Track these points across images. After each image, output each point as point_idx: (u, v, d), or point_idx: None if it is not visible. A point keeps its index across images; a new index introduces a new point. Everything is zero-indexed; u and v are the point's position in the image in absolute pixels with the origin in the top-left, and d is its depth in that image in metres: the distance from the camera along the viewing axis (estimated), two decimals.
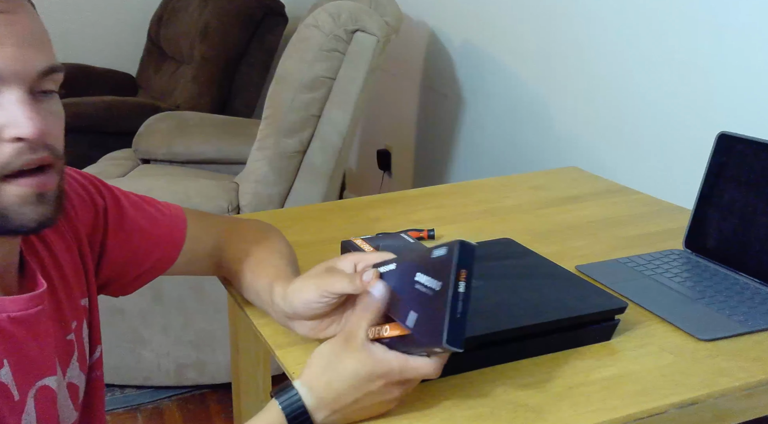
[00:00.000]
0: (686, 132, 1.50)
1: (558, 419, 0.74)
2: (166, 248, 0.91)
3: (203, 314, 1.89)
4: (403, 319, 0.70)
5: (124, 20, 3.33)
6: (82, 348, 0.82)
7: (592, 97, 1.75)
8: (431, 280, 0.68)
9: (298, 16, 2.83)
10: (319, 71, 1.76)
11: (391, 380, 0.70)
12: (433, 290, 0.67)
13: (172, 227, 0.92)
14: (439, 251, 0.68)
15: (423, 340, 0.67)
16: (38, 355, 0.71)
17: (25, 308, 0.69)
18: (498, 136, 2.14)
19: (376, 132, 2.89)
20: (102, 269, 0.89)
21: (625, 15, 1.62)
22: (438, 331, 0.64)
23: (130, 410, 1.93)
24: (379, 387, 0.70)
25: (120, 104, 2.75)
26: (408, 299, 0.70)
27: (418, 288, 0.69)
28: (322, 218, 1.27)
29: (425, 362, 0.69)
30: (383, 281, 0.73)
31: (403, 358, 0.69)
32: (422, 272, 0.69)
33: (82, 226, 0.84)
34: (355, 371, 0.70)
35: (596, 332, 0.88)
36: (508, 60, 2.05)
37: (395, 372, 0.69)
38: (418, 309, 0.68)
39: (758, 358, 0.86)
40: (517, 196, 1.39)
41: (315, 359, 0.72)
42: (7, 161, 0.63)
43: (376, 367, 0.69)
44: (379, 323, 0.73)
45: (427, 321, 0.67)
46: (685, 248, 1.13)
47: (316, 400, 0.70)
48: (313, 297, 0.78)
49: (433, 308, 0.66)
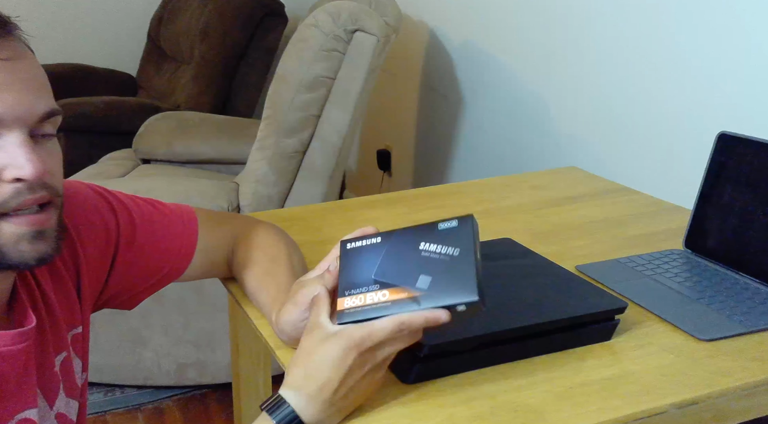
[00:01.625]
0: (686, 132, 1.50)
1: (558, 419, 0.74)
2: (175, 260, 0.92)
3: (203, 314, 1.89)
4: (410, 283, 0.72)
5: (124, 20, 3.33)
6: (72, 378, 0.82)
7: (592, 97, 1.75)
8: (444, 247, 0.73)
9: (298, 16, 2.83)
10: (319, 71, 1.76)
11: (363, 348, 0.70)
12: (449, 255, 0.72)
13: (183, 239, 0.92)
14: (447, 224, 0.74)
15: (444, 297, 0.71)
16: (19, 389, 0.71)
17: (12, 343, 0.70)
18: (498, 136, 2.14)
19: (376, 132, 2.89)
20: (109, 286, 0.89)
21: (625, 15, 1.62)
22: (468, 288, 0.70)
23: (130, 410, 1.93)
24: (355, 360, 0.70)
25: (120, 104, 2.75)
26: (413, 266, 0.73)
27: (426, 255, 0.73)
28: (322, 218, 1.27)
29: (389, 320, 0.70)
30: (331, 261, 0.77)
31: (368, 324, 0.70)
32: (428, 241, 0.74)
33: (88, 249, 0.84)
34: (326, 353, 0.70)
35: (596, 332, 0.88)
36: (508, 60, 2.05)
37: (365, 338, 0.70)
38: (431, 273, 0.72)
39: (758, 358, 0.86)
40: (517, 196, 1.39)
41: (291, 363, 0.73)
42: (6, 200, 0.65)
43: (344, 341, 0.70)
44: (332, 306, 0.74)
45: (447, 281, 0.71)
46: (685, 248, 1.13)
47: (304, 399, 0.70)
48: (296, 316, 0.80)
49: (454, 270, 0.71)
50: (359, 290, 0.74)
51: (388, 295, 0.72)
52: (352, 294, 0.74)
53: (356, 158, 3.10)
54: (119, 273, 0.88)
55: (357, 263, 0.76)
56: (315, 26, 1.76)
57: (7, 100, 0.65)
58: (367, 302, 0.72)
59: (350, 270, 0.76)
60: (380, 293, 0.73)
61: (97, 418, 1.88)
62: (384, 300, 0.72)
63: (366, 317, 0.71)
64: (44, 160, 0.67)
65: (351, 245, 0.77)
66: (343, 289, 0.75)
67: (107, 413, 1.91)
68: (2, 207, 0.65)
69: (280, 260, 0.93)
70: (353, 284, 0.75)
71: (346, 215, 1.29)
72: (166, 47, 3.20)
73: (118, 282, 0.89)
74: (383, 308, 0.71)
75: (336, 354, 0.70)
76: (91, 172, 2.27)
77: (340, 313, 0.73)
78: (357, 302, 0.73)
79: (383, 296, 0.72)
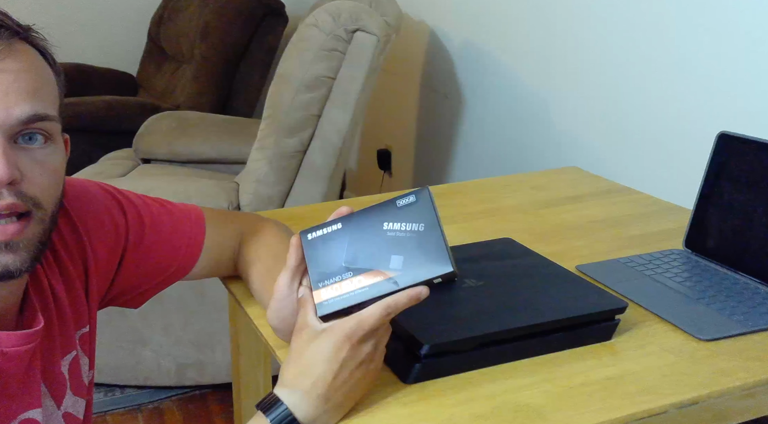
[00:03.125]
0: (686, 132, 1.50)
1: (558, 419, 0.74)
2: (183, 259, 0.92)
3: (203, 314, 1.88)
4: (383, 265, 0.73)
5: (124, 20, 3.33)
6: (80, 377, 0.82)
7: (592, 97, 1.75)
8: (408, 224, 0.74)
9: (298, 16, 2.83)
10: (319, 71, 1.76)
11: (355, 339, 0.70)
12: (415, 232, 0.73)
13: (191, 237, 0.92)
14: (404, 200, 0.75)
15: (419, 273, 0.71)
16: (23, 389, 0.71)
17: (18, 344, 0.70)
18: (498, 136, 2.14)
19: (376, 132, 2.89)
20: (116, 285, 0.89)
21: (625, 15, 1.62)
22: (441, 260, 0.71)
23: (130, 410, 1.93)
24: (348, 352, 0.70)
25: (120, 104, 2.75)
26: (382, 247, 0.74)
27: (392, 235, 0.74)
28: (322, 218, 1.26)
29: (376, 307, 0.70)
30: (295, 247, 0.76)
31: (356, 314, 0.70)
32: (391, 220, 0.75)
33: (97, 247, 0.84)
34: (318, 349, 0.70)
35: (596, 332, 0.88)
36: (508, 60, 2.05)
37: (354, 329, 0.70)
38: (401, 252, 0.73)
39: (758, 358, 0.86)
40: (517, 197, 1.39)
41: (284, 364, 0.73)
42: None
43: (336, 333, 0.70)
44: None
45: (419, 257, 0.72)
46: (685, 248, 1.13)
47: (298, 396, 0.70)
48: (275, 305, 0.80)
49: (423, 245, 0.72)
50: (333, 279, 0.74)
51: (364, 280, 0.72)
52: (327, 285, 0.74)
53: (356, 158, 3.10)
54: (127, 272, 0.88)
55: (323, 252, 0.75)
56: (315, 26, 1.76)
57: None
58: (345, 290, 0.72)
59: (318, 260, 0.75)
60: (356, 279, 0.72)
61: (96, 418, 1.88)
62: (361, 286, 0.72)
63: (348, 305, 0.71)
64: (20, 167, 0.65)
65: (312, 235, 0.77)
66: (316, 281, 0.74)
67: (107, 413, 1.91)
68: None
69: (283, 258, 0.93)
70: (325, 274, 0.74)
71: None
72: (166, 47, 3.20)
73: (126, 281, 0.89)
74: (362, 293, 0.71)
75: (328, 348, 0.70)
76: (91, 172, 2.27)
77: (320, 304, 0.73)
78: (334, 291, 0.73)
79: (359, 282, 0.72)
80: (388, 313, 0.70)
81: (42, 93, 0.68)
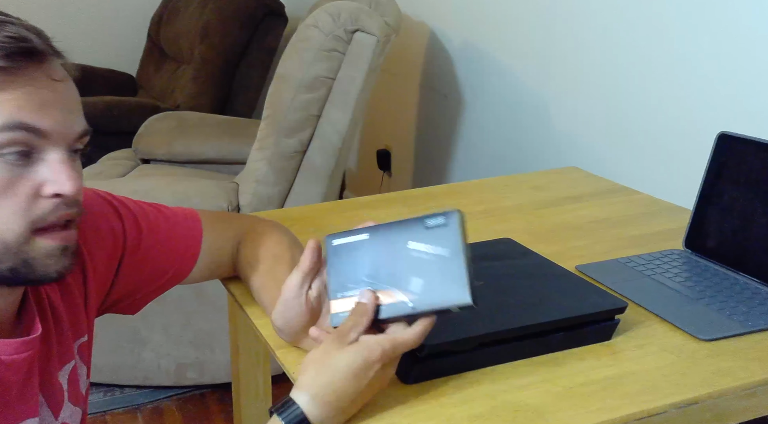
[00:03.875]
0: (686, 132, 1.50)
1: (558, 419, 0.74)
2: (180, 263, 0.92)
3: (203, 314, 1.88)
4: (402, 285, 0.72)
5: (124, 20, 3.33)
6: (77, 387, 0.82)
7: (592, 97, 1.75)
8: (433, 247, 0.72)
9: (298, 16, 2.83)
10: (319, 71, 1.76)
11: (386, 360, 0.71)
12: (439, 256, 0.71)
13: (188, 241, 0.92)
14: (433, 220, 0.73)
15: (437, 301, 0.70)
16: (20, 398, 0.71)
17: (16, 352, 0.70)
18: (498, 136, 2.14)
19: (376, 132, 2.89)
20: (113, 292, 0.89)
21: (626, 15, 1.62)
22: (460, 291, 0.69)
23: (130, 410, 1.93)
24: (377, 372, 0.71)
25: (120, 104, 2.75)
26: (404, 267, 0.73)
27: (416, 255, 0.72)
28: (322, 218, 1.27)
29: (412, 333, 0.71)
30: (372, 291, 0.73)
31: (391, 337, 0.71)
32: (417, 240, 0.73)
33: (95, 254, 0.84)
34: (352, 361, 0.70)
35: (596, 332, 0.88)
36: (508, 60, 2.05)
37: (389, 351, 0.71)
38: (422, 275, 0.72)
39: (758, 358, 0.86)
40: (517, 197, 1.39)
41: (309, 364, 0.72)
42: (44, 216, 0.67)
43: (373, 352, 0.70)
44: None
45: (439, 283, 0.70)
46: (685, 248, 1.13)
47: (319, 407, 0.70)
48: (281, 306, 0.80)
49: (445, 271, 0.70)
50: (351, 292, 0.74)
51: (381, 298, 0.72)
52: (345, 296, 0.74)
53: (356, 158, 3.10)
54: (124, 278, 0.88)
55: (346, 261, 0.75)
56: (315, 26, 1.76)
57: (56, 117, 0.67)
58: None
59: (340, 269, 0.75)
60: (375, 294, 0.73)
61: (96, 418, 1.88)
62: (377, 304, 0.72)
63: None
64: (79, 178, 0.70)
65: (337, 241, 0.77)
66: (334, 290, 0.75)
67: (106, 412, 1.91)
68: (40, 221, 0.67)
69: (283, 258, 0.93)
70: (344, 285, 0.74)
71: (346, 214, 1.29)
72: (166, 47, 3.20)
73: (124, 287, 0.89)
74: (377, 311, 0.72)
75: (361, 363, 0.70)
76: (90, 172, 2.27)
77: (335, 315, 0.73)
78: (350, 305, 0.73)
79: (376, 299, 0.72)
80: (418, 344, 0.72)
81: (82, 109, 0.73)
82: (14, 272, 0.67)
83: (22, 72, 0.65)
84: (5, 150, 0.64)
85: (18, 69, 0.64)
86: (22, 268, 0.67)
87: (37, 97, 0.66)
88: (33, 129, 0.65)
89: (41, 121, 0.66)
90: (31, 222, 0.66)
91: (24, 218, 0.66)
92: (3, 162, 0.64)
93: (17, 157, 0.65)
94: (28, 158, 0.66)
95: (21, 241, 0.66)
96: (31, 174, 0.66)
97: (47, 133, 0.66)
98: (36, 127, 0.65)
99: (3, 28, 0.64)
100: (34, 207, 0.66)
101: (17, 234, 0.66)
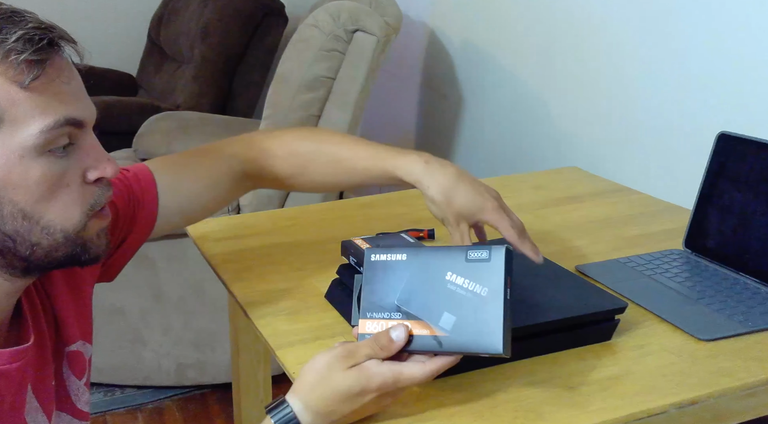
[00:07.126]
0: (686, 132, 1.50)
1: (558, 419, 0.74)
2: (142, 226, 0.89)
3: (203, 314, 1.88)
4: (433, 319, 0.69)
5: (124, 20, 3.33)
6: (75, 392, 0.81)
7: (592, 97, 1.75)
8: (472, 283, 0.69)
9: (298, 16, 2.83)
10: (319, 71, 1.76)
11: (385, 391, 0.70)
12: (476, 294, 0.68)
13: (144, 194, 0.89)
14: (476, 253, 0.69)
15: (466, 344, 0.68)
16: (12, 408, 0.70)
17: (8, 362, 0.69)
18: (498, 136, 2.14)
19: (376, 132, 2.89)
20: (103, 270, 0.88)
21: (626, 15, 1.62)
22: (493, 337, 0.66)
23: (130, 410, 1.93)
24: (373, 399, 0.70)
25: (120, 104, 2.75)
26: (438, 300, 0.70)
27: (452, 289, 0.69)
28: (322, 218, 1.27)
29: (421, 371, 0.70)
30: (406, 329, 0.71)
31: (397, 369, 0.70)
32: (456, 272, 0.69)
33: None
34: (349, 386, 0.69)
35: (596, 332, 0.88)
36: (508, 60, 2.05)
37: (389, 384, 0.70)
38: (455, 312, 0.69)
39: (758, 358, 0.86)
40: (517, 197, 1.39)
41: (309, 372, 0.72)
42: (97, 200, 0.70)
43: (371, 381, 0.69)
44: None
45: (472, 325, 0.67)
46: (685, 248, 1.13)
47: (312, 415, 0.70)
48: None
49: (480, 313, 0.67)
50: (382, 314, 0.72)
51: (410, 327, 0.70)
52: (375, 318, 0.73)
53: None
54: (117, 254, 0.89)
55: (381, 279, 0.73)
56: (315, 26, 1.76)
57: (87, 105, 0.71)
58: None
59: (374, 287, 0.74)
60: (405, 323, 0.71)
61: (96, 418, 1.88)
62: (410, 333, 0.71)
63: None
64: (113, 159, 0.73)
65: (375, 257, 0.74)
66: (365, 309, 0.73)
67: (107, 413, 1.91)
68: (97, 205, 0.70)
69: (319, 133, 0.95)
70: (376, 306, 0.73)
71: (346, 214, 1.29)
72: (166, 47, 3.20)
73: (114, 261, 0.89)
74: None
75: (358, 389, 0.69)
76: None
77: (362, 335, 0.72)
78: (378, 327, 0.72)
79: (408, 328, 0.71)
80: (428, 380, 0.71)
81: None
82: (71, 256, 0.69)
83: (50, 62, 0.67)
84: (53, 145, 0.66)
85: (47, 60, 0.66)
86: (80, 251, 0.70)
87: (68, 88, 0.68)
88: (76, 122, 0.68)
89: (81, 113, 0.69)
90: (89, 208, 0.69)
91: (81, 206, 0.69)
92: (54, 157, 0.66)
93: (63, 150, 0.67)
94: (70, 148, 0.68)
95: (79, 228, 0.69)
96: (75, 163, 0.68)
97: (85, 122, 0.69)
98: (79, 120, 0.68)
99: (24, 21, 0.66)
100: (86, 194, 0.69)
101: (77, 222, 0.68)
